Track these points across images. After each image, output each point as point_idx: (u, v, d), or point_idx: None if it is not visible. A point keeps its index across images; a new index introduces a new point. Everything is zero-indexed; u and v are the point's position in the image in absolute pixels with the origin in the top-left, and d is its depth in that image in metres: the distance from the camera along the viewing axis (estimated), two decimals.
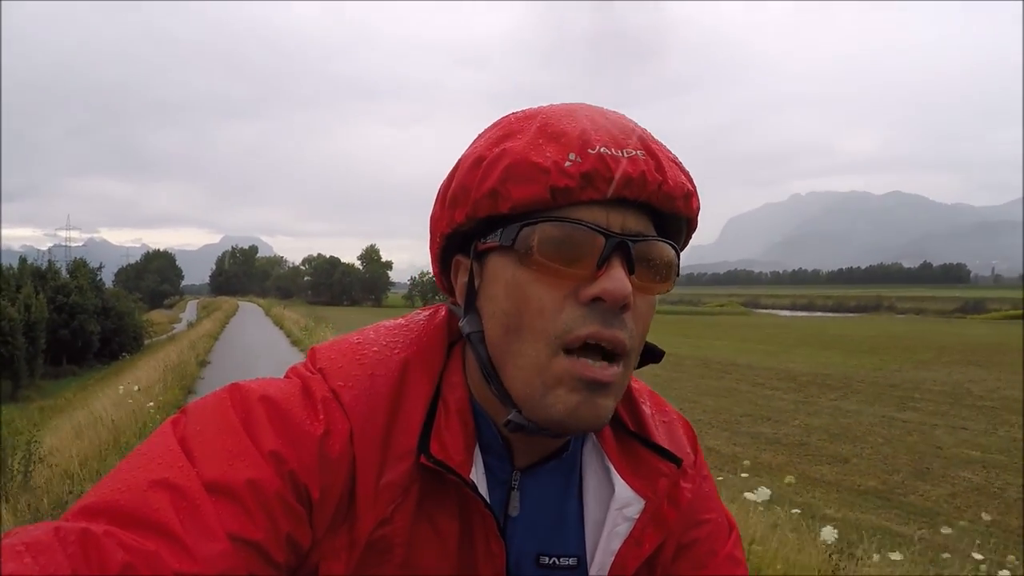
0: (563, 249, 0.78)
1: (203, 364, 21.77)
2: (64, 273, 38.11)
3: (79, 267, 39.20)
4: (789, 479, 9.29)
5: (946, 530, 8.65)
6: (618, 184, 0.77)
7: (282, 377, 0.90)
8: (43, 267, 36.69)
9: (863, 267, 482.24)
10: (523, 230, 0.79)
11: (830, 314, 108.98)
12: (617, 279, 0.77)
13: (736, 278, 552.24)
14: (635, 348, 0.83)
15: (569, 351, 0.78)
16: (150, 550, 0.65)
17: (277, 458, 0.76)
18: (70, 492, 7.09)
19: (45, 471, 7.82)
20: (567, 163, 0.77)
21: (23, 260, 36.09)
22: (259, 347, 28.61)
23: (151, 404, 11.90)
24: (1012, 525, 10.29)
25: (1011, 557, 8.03)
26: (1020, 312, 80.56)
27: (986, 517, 10.01)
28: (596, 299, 0.78)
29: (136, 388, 13.84)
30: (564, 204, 0.79)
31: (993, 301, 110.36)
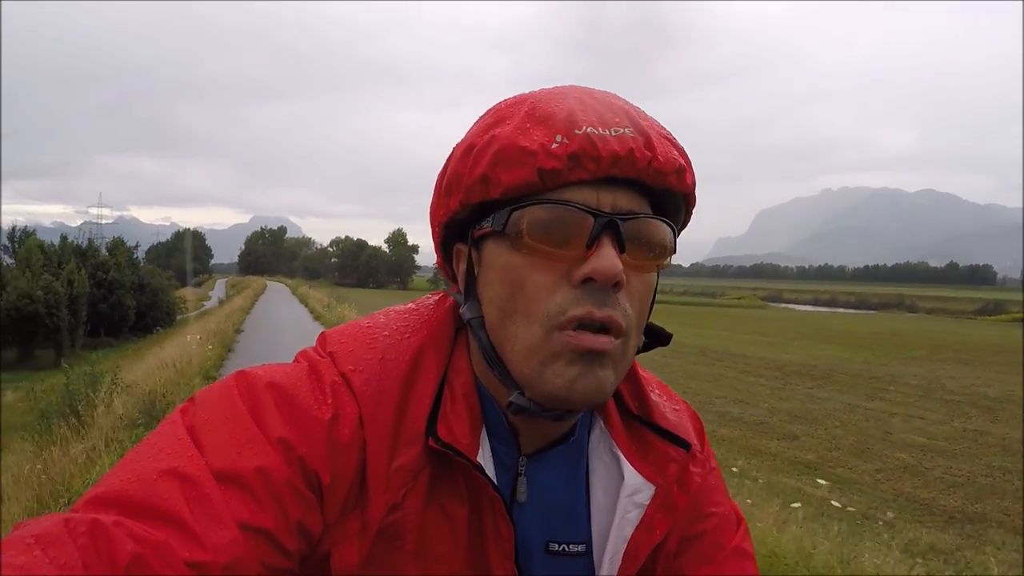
0: (553, 231, 0.78)
1: (238, 332, 25.08)
2: (103, 251, 39.97)
3: (117, 245, 41.00)
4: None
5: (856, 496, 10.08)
6: (606, 163, 0.77)
7: (291, 361, 0.91)
8: (83, 245, 38.60)
9: (889, 265, 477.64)
10: (513, 214, 0.80)
11: (851, 311, 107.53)
12: (606, 257, 0.77)
13: (762, 272, 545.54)
14: (632, 327, 0.82)
15: (564, 329, 0.78)
16: (160, 540, 0.65)
17: (285, 445, 0.77)
18: (164, 397, 9.66)
19: (134, 392, 10.23)
20: (554, 145, 0.77)
21: (64, 238, 37.82)
22: (285, 321, 31.65)
23: (210, 347, 16.03)
24: (920, 497, 11.35)
25: (890, 513, 9.54)
26: None
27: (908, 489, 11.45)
28: (588, 279, 0.77)
29: (199, 337, 17.62)
30: (554, 186, 0.79)
31: (1015, 304, 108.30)
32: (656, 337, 0.94)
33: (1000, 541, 9.33)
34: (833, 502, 9.50)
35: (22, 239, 34.32)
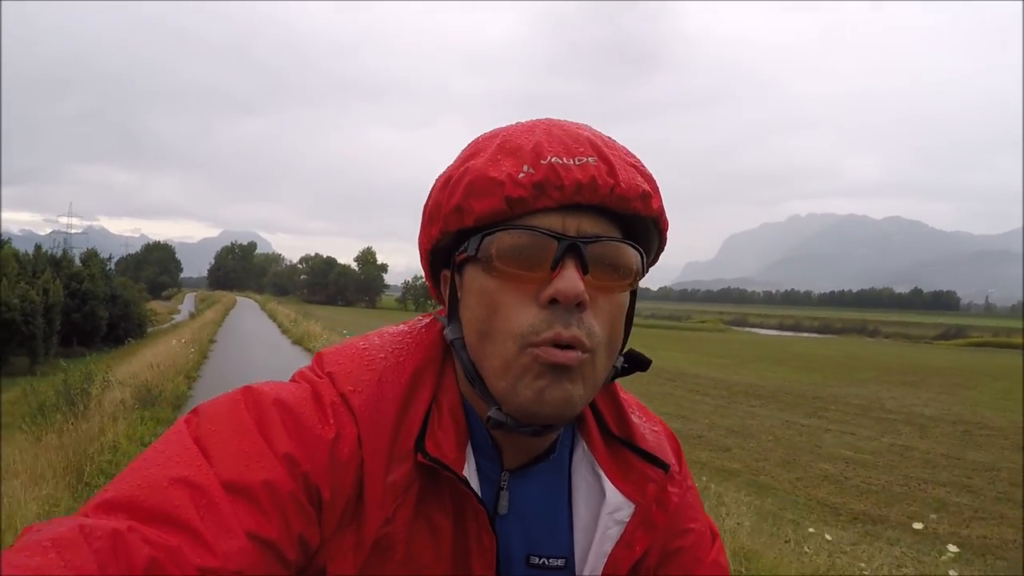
0: (521, 255, 0.82)
1: (211, 342, 26.72)
2: (77, 262, 40.27)
3: (91, 257, 41.32)
4: None
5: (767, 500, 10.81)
6: (569, 190, 0.81)
7: (289, 380, 0.93)
8: (57, 255, 38.97)
9: (855, 290, 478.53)
10: (484, 240, 0.84)
11: (814, 335, 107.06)
12: (568, 279, 0.80)
13: (729, 296, 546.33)
14: (600, 345, 0.84)
15: (534, 347, 0.81)
16: (173, 545, 0.66)
17: (291, 460, 0.79)
18: (156, 387, 11.05)
19: (127, 385, 11.39)
20: (520, 175, 0.81)
21: (38, 247, 38.24)
22: (254, 333, 33.65)
23: (192, 350, 17.73)
24: (832, 501, 12.01)
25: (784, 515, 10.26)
26: (983, 340, 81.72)
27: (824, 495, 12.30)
28: (553, 300, 0.80)
29: (182, 341, 19.40)
30: (522, 213, 0.83)
31: (977, 329, 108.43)
32: (636, 362, 0.98)
33: (895, 539, 9.98)
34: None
35: None
